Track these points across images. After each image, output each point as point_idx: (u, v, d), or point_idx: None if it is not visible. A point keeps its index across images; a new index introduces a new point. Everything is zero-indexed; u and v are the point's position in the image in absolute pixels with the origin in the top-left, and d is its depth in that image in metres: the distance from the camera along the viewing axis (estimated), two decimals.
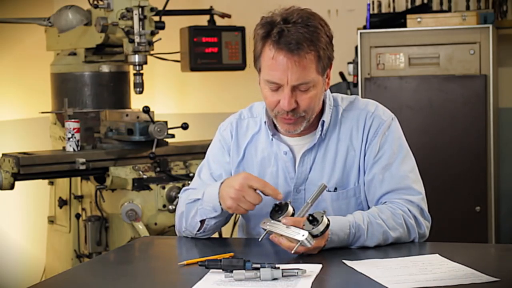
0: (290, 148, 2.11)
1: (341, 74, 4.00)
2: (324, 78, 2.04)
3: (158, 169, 3.43)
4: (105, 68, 3.70)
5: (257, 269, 1.64)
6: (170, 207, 3.33)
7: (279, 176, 2.12)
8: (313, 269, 1.69)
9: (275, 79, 1.97)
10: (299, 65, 1.94)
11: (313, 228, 1.79)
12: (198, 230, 2.07)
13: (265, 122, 2.13)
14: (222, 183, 2.00)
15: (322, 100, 2.11)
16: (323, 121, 2.08)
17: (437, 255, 1.80)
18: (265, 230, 1.85)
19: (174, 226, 2.20)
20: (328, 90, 2.14)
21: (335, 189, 2.07)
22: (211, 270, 1.71)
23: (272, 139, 2.13)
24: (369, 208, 2.06)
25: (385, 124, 2.10)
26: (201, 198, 2.04)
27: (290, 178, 2.10)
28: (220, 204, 1.98)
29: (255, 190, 1.92)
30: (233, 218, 2.31)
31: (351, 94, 3.82)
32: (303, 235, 1.78)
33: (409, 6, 4.13)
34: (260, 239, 1.87)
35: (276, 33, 1.94)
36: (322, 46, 1.97)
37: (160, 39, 3.52)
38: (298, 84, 1.96)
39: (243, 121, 2.21)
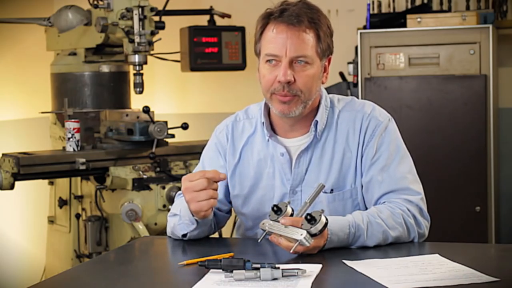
0: (287, 150, 2.10)
1: (341, 74, 4.00)
2: (322, 65, 2.05)
3: (158, 169, 3.43)
4: (105, 68, 3.70)
5: (257, 269, 1.64)
6: (170, 207, 3.33)
7: (275, 178, 2.11)
8: (313, 269, 1.69)
9: (274, 51, 1.99)
10: (298, 38, 1.98)
11: (311, 227, 1.79)
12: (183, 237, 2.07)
13: (262, 123, 2.13)
14: None
15: (319, 100, 2.11)
16: (317, 121, 2.08)
17: (437, 255, 1.80)
18: (264, 230, 1.85)
19: None
20: (325, 91, 2.15)
21: (331, 190, 2.07)
22: (211, 270, 1.71)
23: (268, 140, 2.12)
24: (366, 209, 2.06)
25: (382, 125, 2.09)
26: (179, 213, 2.04)
27: (287, 179, 2.10)
28: (193, 215, 1.99)
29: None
30: (232, 218, 2.31)
31: (351, 94, 3.83)
32: (301, 234, 1.78)
33: (409, 6, 4.13)
34: (259, 240, 1.87)
35: (278, 11, 2.01)
36: (323, 28, 2.02)
37: (160, 39, 3.52)
38: (296, 56, 1.98)
39: (238, 123, 2.21)
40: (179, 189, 3.33)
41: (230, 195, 2.18)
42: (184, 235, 2.05)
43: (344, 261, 1.77)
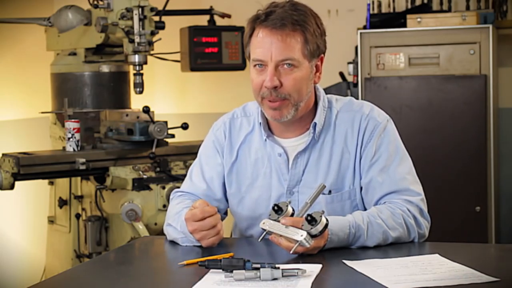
0: (284, 150, 2.10)
1: (341, 74, 4.00)
2: (312, 66, 2.04)
3: (158, 169, 3.43)
4: (105, 68, 3.70)
5: (257, 269, 1.64)
6: (168, 208, 3.33)
7: (272, 177, 2.11)
8: (313, 269, 1.69)
9: (260, 56, 1.99)
10: (282, 41, 1.97)
11: (311, 228, 1.79)
12: None
13: (260, 124, 2.13)
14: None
15: (315, 101, 2.11)
16: (315, 123, 2.08)
17: (437, 255, 1.80)
18: (264, 230, 1.85)
19: None
20: (323, 92, 2.14)
21: (330, 192, 2.06)
22: (211, 270, 1.71)
23: (266, 140, 2.12)
24: (365, 210, 2.05)
25: (381, 126, 2.09)
26: (180, 230, 2.00)
27: (284, 179, 2.09)
28: None
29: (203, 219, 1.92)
30: (232, 219, 2.31)
31: (351, 94, 3.84)
32: (301, 235, 1.78)
33: (409, 6, 4.13)
34: (259, 239, 1.87)
35: (264, 14, 2.01)
36: (310, 30, 2.00)
37: (160, 39, 3.52)
38: (281, 60, 1.98)
39: (236, 120, 2.20)
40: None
41: (227, 193, 2.18)
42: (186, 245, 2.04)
43: (344, 261, 1.77)
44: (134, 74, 3.53)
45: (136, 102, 3.86)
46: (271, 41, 1.97)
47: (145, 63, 3.50)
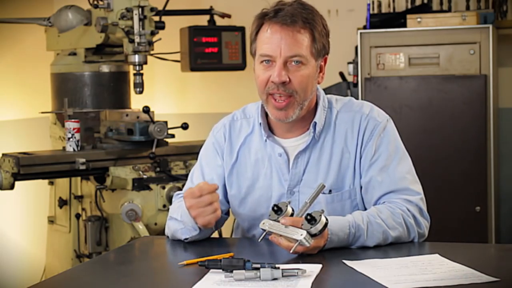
0: (285, 150, 2.10)
1: (341, 74, 4.00)
2: (318, 65, 2.05)
3: (158, 169, 3.43)
4: (105, 68, 3.70)
5: (257, 269, 1.64)
6: (170, 207, 3.33)
7: (273, 178, 2.11)
8: (313, 269, 1.69)
9: (268, 52, 1.99)
10: (292, 38, 1.98)
11: (311, 228, 1.79)
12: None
13: (260, 124, 2.13)
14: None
15: (316, 101, 2.11)
16: (315, 123, 2.08)
17: (437, 255, 1.80)
18: (264, 230, 1.85)
19: None
20: (323, 92, 2.14)
21: (330, 191, 2.06)
22: (211, 270, 1.71)
23: (266, 141, 2.12)
24: (365, 210, 2.05)
25: (380, 126, 2.09)
26: (180, 219, 2.03)
27: (285, 180, 2.10)
28: (196, 223, 1.99)
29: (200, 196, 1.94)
30: (233, 218, 2.31)
31: (351, 94, 3.84)
32: (301, 235, 1.78)
33: (409, 6, 4.13)
34: (259, 240, 1.87)
35: (272, 11, 2.01)
36: (318, 28, 2.01)
37: (160, 39, 3.53)
38: (290, 56, 1.98)
39: (236, 122, 2.20)
40: (179, 189, 3.35)
41: (228, 194, 2.18)
42: (186, 238, 2.05)
43: (344, 261, 1.77)
44: (134, 74, 3.54)
45: (136, 102, 3.86)
46: (281, 37, 1.98)
47: (145, 63, 3.50)
